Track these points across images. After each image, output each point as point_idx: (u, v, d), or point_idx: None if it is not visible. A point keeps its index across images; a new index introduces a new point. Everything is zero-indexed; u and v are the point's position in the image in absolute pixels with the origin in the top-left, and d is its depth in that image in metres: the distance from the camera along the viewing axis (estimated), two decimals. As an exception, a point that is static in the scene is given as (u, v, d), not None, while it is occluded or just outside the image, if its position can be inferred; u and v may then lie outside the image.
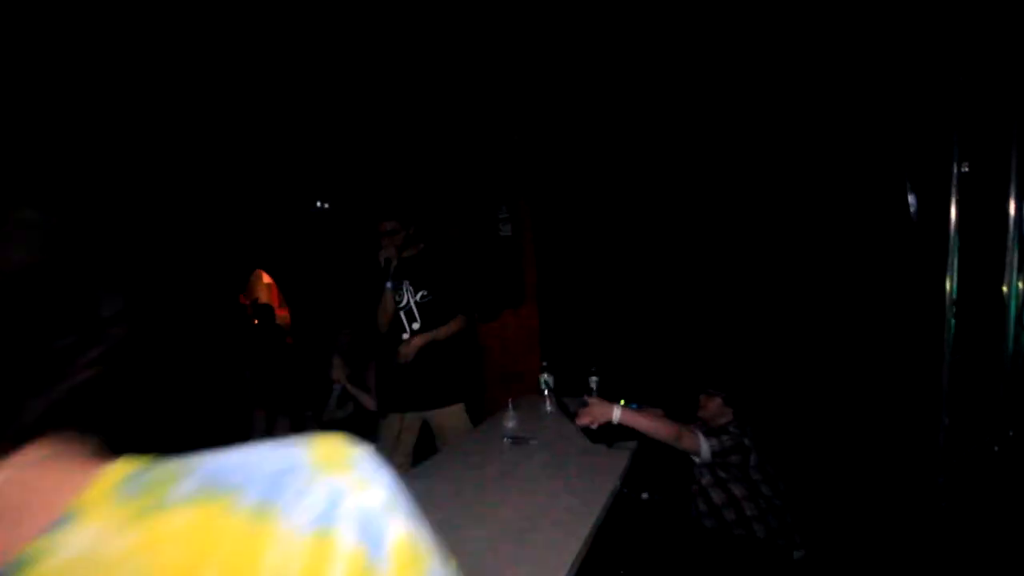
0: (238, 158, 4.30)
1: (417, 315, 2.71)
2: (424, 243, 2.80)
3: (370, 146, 4.11)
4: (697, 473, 2.34)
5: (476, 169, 3.82)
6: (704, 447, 2.19)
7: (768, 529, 2.17)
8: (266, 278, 8.07)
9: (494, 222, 3.76)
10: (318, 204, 4.52)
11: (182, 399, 3.40)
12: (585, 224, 3.78)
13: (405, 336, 2.69)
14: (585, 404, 2.32)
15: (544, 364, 2.91)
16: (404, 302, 2.73)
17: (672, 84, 3.35)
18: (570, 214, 3.81)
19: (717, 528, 2.26)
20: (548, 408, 2.86)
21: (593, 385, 2.89)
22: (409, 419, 2.79)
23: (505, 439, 2.41)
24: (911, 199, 2.85)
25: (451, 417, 2.76)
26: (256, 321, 5.22)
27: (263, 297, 8.78)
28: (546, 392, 2.88)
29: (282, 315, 6.67)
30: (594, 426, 2.18)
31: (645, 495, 3.36)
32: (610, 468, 2.09)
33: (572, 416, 2.33)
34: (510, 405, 2.73)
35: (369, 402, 3.22)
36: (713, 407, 2.48)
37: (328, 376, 3.31)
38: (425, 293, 2.72)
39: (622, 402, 2.83)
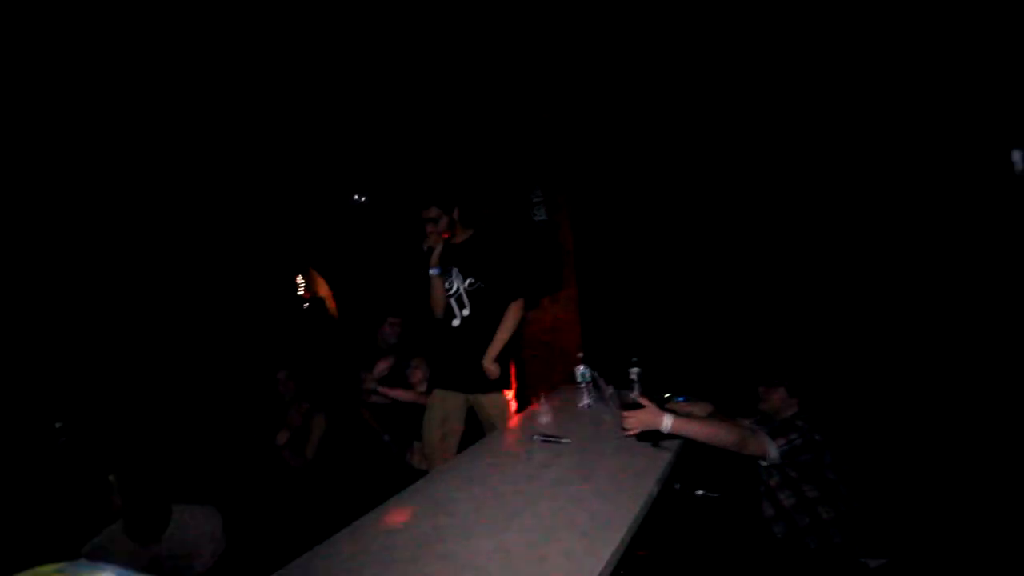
0: (277, 154, 4.35)
1: (467, 302, 2.67)
2: (474, 229, 2.75)
3: (401, 131, 4.01)
4: (763, 473, 2.09)
5: (507, 150, 3.63)
6: (772, 450, 1.94)
7: (846, 535, 1.90)
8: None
9: (528, 206, 3.57)
10: (356, 197, 4.52)
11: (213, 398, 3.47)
12: (626, 204, 3.52)
13: (455, 323, 2.69)
14: (627, 400, 2.11)
15: (580, 355, 2.70)
16: (454, 289, 2.69)
17: (726, 50, 3.01)
18: (609, 193, 3.56)
19: (787, 535, 2.00)
20: (585, 402, 2.66)
21: (634, 376, 2.67)
22: (451, 403, 2.73)
23: (535, 437, 2.25)
24: (1016, 157, 2.42)
25: (495, 403, 2.70)
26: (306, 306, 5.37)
27: (322, 291, 9.08)
28: (582, 385, 2.68)
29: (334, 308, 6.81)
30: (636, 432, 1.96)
31: (700, 492, 3.12)
32: (648, 470, 1.88)
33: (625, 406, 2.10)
34: (542, 400, 2.56)
35: (407, 396, 3.15)
36: (776, 399, 2.21)
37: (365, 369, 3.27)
38: (473, 280, 2.66)
39: (667, 395, 2.62)
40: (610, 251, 3.58)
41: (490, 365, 2.60)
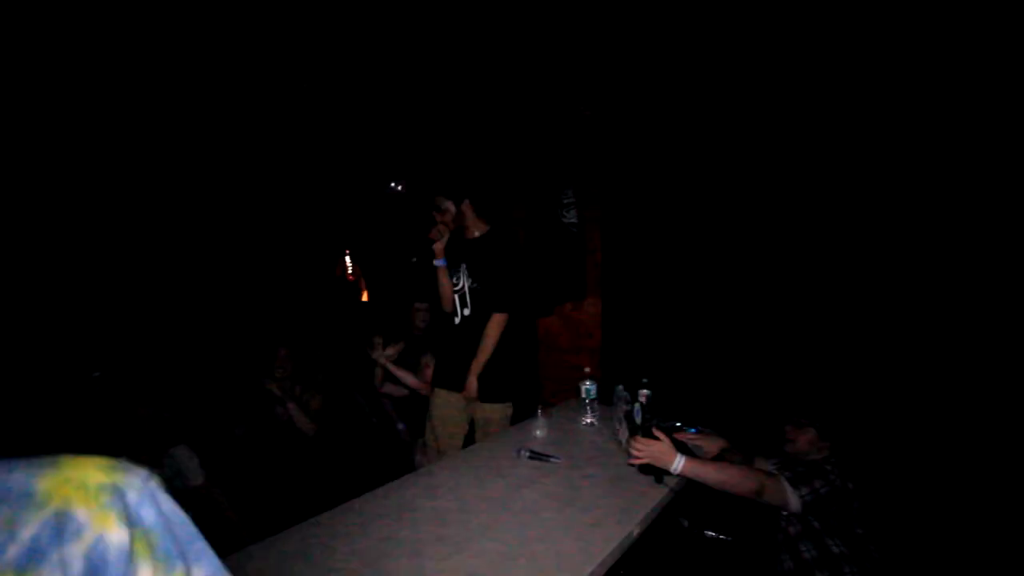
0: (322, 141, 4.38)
1: (468, 301, 2.54)
2: (491, 226, 2.58)
3: (439, 121, 3.92)
4: (783, 520, 1.85)
5: (540, 148, 3.47)
6: (793, 500, 1.72)
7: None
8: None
9: (557, 207, 3.39)
10: (392, 184, 4.48)
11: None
12: (660, 215, 3.26)
13: (457, 321, 2.57)
14: (635, 425, 1.91)
15: (587, 370, 2.51)
16: (460, 285, 2.56)
17: (774, 52, 2.73)
18: (644, 203, 3.31)
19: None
20: (588, 420, 2.46)
21: (642, 399, 2.44)
22: (452, 403, 2.59)
23: (523, 452, 2.08)
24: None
25: (486, 412, 2.54)
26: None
27: (355, 275, 9.26)
28: (587, 401, 2.48)
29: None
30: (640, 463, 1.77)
31: (711, 533, 2.84)
32: (636, 508, 1.67)
33: (635, 429, 1.91)
34: (539, 413, 2.38)
35: (413, 381, 3.06)
36: (804, 441, 1.97)
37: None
38: (473, 280, 2.52)
39: (678, 424, 2.39)
40: (638, 262, 3.34)
41: (471, 380, 2.45)
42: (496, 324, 2.44)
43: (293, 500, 2.61)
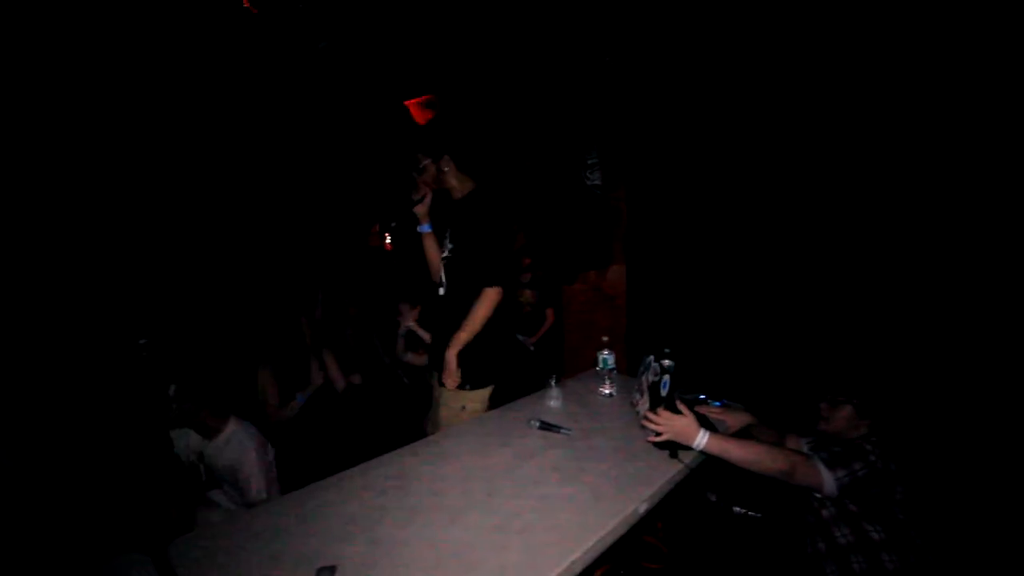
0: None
1: (443, 273, 2.27)
2: (476, 183, 2.27)
3: (459, 81, 3.72)
4: (815, 501, 1.73)
5: (561, 103, 3.27)
6: (828, 481, 1.59)
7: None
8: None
9: (581, 167, 3.23)
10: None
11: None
12: (689, 177, 3.04)
13: (441, 291, 2.31)
14: (659, 397, 1.79)
15: (606, 339, 2.39)
16: (444, 253, 2.28)
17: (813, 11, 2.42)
18: (672, 164, 3.10)
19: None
20: (605, 391, 2.36)
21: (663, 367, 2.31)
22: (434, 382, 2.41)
23: (533, 422, 2.01)
24: None
25: (448, 399, 2.24)
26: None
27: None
28: (604, 372, 2.37)
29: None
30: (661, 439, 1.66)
31: (739, 509, 2.73)
32: (646, 483, 1.58)
33: (658, 401, 1.81)
34: (552, 382, 2.30)
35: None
36: (841, 420, 1.82)
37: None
38: (452, 248, 2.22)
39: (701, 397, 2.27)
40: (664, 228, 3.15)
41: (450, 356, 2.12)
42: (488, 300, 2.09)
43: (319, 458, 2.67)
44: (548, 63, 3.20)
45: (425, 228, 2.34)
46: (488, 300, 2.10)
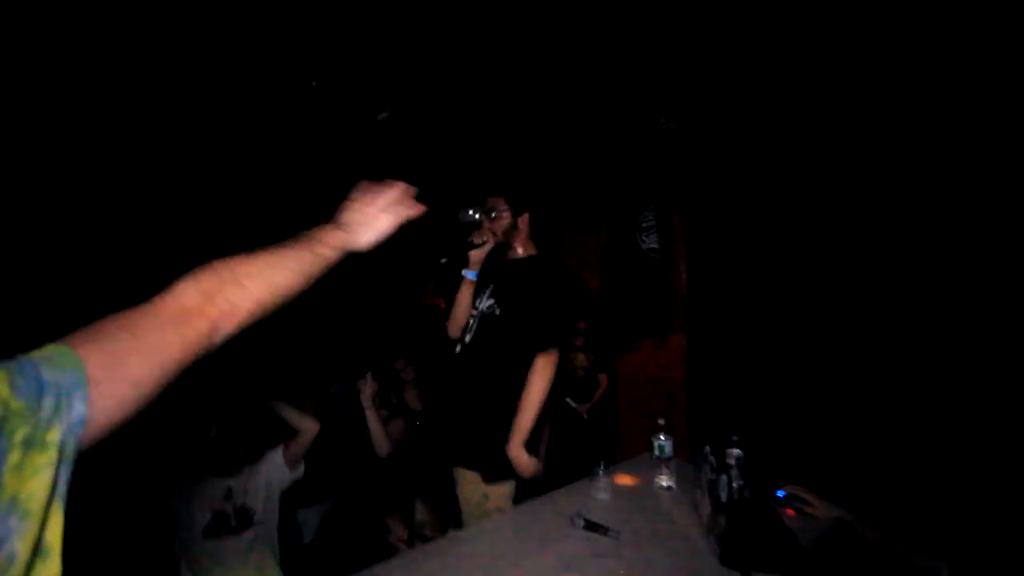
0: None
1: (475, 326, 2.06)
2: (539, 251, 2.14)
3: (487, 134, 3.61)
4: None
5: (616, 163, 3.14)
6: None
7: None
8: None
9: (635, 230, 3.04)
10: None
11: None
12: (754, 240, 2.77)
13: (459, 349, 2.10)
14: (720, 502, 1.50)
15: (661, 422, 2.11)
16: (480, 308, 2.10)
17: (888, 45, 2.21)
18: (735, 226, 2.85)
19: None
20: (663, 484, 2.05)
21: (733, 460, 1.98)
22: (467, 478, 2.06)
23: (577, 520, 1.73)
24: None
25: (474, 491, 1.96)
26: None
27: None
28: (660, 460, 2.07)
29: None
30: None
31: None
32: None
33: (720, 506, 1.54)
34: (600, 471, 2.02)
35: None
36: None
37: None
38: (493, 303, 2.03)
39: (783, 495, 1.92)
40: (729, 294, 2.85)
41: (517, 453, 1.87)
42: (546, 371, 1.88)
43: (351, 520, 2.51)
44: (607, 128, 3.11)
45: (471, 275, 2.13)
46: (546, 371, 1.89)
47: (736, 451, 2.01)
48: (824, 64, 2.43)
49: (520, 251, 2.12)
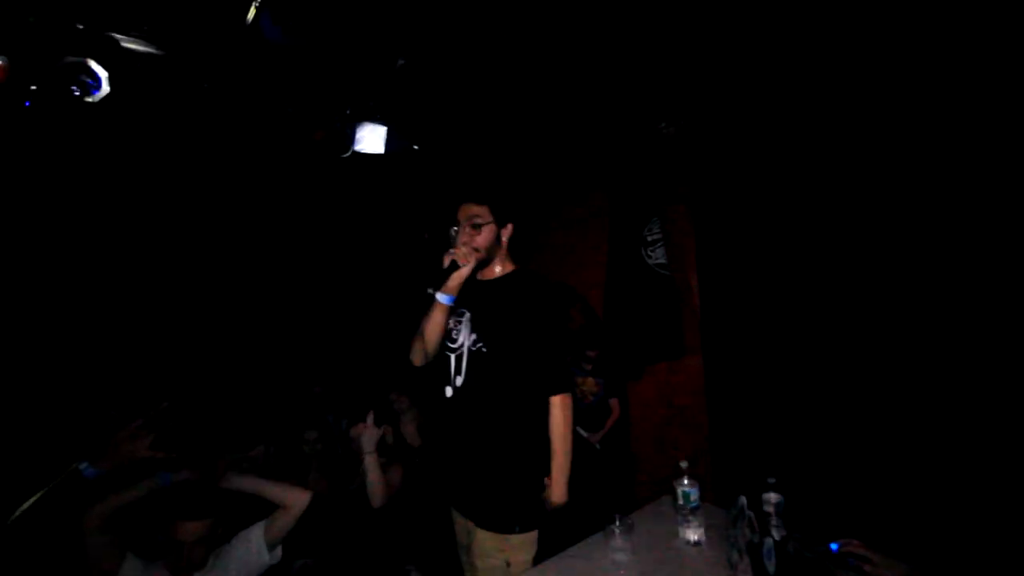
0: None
1: (464, 367, 1.76)
2: (518, 267, 1.84)
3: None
4: None
5: (611, 175, 2.91)
6: None
7: None
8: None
9: (639, 244, 2.79)
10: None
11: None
12: (778, 246, 2.49)
13: (448, 392, 1.79)
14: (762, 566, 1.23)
15: (685, 465, 1.82)
16: (458, 342, 1.79)
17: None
18: (754, 230, 2.58)
19: None
20: (690, 538, 1.76)
21: (770, 507, 1.70)
22: (460, 526, 1.85)
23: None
24: None
25: (490, 549, 1.69)
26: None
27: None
28: (686, 510, 1.78)
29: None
30: None
31: None
32: None
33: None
34: (616, 528, 1.73)
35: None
36: None
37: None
38: (477, 339, 1.74)
39: (839, 548, 1.62)
40: (751, 308, 2.57)
41: (560, 499, 1.68)
42: (565, 412, 1.67)
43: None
44: (603, 133, 2.86)
45: (447, 299, 1.75)
46: (565, 412, 1.68)
47: (774, 496, 1.73)
48: (850, 45, 2.20)
49: (498, 269, 1.82)
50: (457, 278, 1.73)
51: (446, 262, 1.73)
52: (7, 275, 3.19)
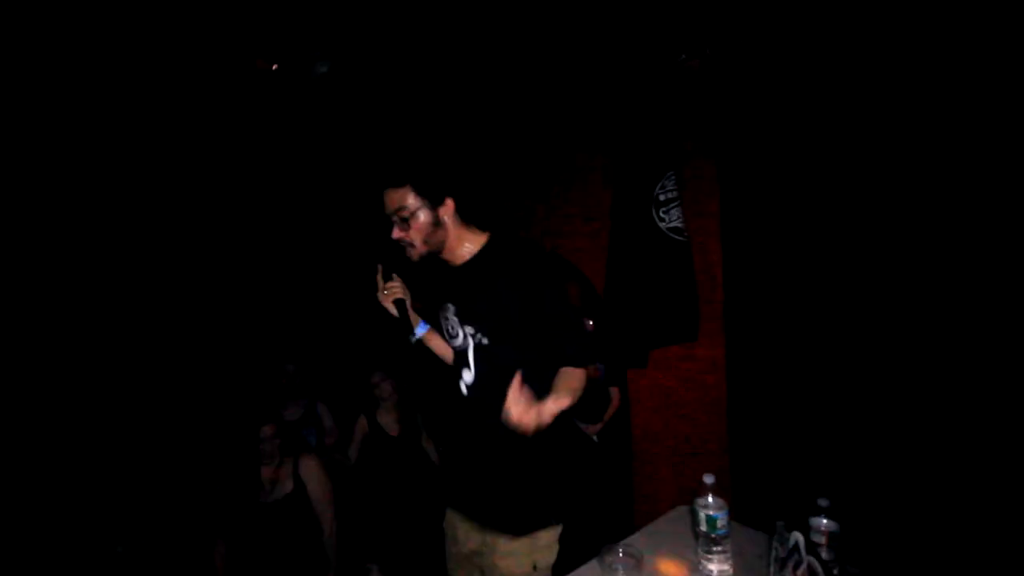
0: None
1: (471, 361, 1.50)
2: (490, 233, 1.52)
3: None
4: None
5: (617, 120, 2.45)
6: None
7: None
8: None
9: (650, 205, 2.34)
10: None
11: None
12: (812, 206, 2.02)
13: (463, 389, 1.55)
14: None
15: (709, 480, 1.40)
16: (460, 339, 1.53)
17: None
18: (785, 190, 2.11)
19: None
20: (714, 569, 1.35)
21: (822, 537, 1.30)
22: (465, 531, 1.57)
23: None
24: None
25: (509, 553, 1.44)
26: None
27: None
28: (712, 536, 1.37)
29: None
30: None
31: None
32: None
33: None
34: (619, 566, 1.31)
35: None
36: None
37: None
38: (474, 331, 1.47)
39: None
40: (781, 281, 2.11)
41: (545, 415, 1.25)
42: (579, 375, 1.36)
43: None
44: (606, 64, 2.41)
45: (422, 329, 1.68)
46: (580, 375, 1.36)
47: (826, 522, 1.32)
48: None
49: (467, 247, 1.50)
50: (409, 310, 1.64)
51: (392, 311, 1.61)
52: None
